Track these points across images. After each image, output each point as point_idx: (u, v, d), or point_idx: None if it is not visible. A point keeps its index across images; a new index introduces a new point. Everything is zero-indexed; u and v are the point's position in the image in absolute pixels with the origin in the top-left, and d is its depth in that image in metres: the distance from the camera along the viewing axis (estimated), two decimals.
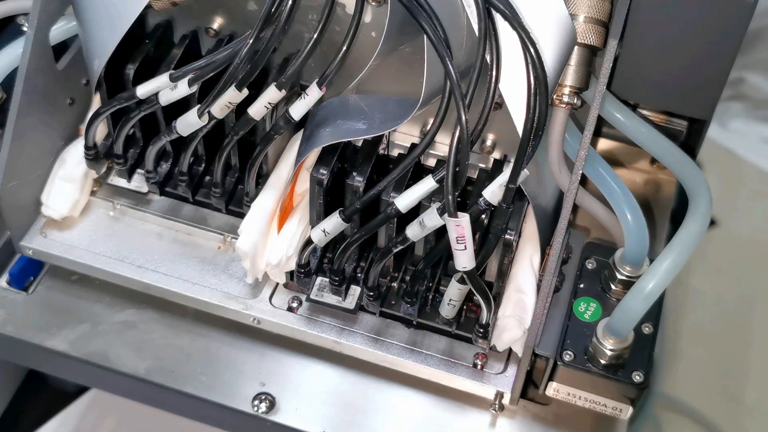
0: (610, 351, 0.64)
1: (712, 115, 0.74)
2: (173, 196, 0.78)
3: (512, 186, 0.62)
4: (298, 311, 0.73)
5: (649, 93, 0.74)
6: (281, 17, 0.62)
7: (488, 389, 0.71)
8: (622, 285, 0.68)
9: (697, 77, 0.71)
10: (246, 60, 0.64)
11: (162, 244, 0.77)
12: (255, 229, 0.71)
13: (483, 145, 0.74)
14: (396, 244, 0.65)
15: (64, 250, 0.76)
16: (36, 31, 0.69)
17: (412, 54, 0.68)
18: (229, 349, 0.75)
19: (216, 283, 0.75)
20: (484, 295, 0.66)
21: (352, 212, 0.66)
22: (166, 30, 0.74)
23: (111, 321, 0.76)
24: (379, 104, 0.68)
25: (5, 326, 0.76)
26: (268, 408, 0.72)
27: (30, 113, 0.71)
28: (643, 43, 0.69)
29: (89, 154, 0.75)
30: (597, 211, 0.71)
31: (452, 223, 0.61)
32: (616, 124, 0.71)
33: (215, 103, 0.66)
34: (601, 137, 0.83)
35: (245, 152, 0.73)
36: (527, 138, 0.61)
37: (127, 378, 0.74)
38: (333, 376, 0.74)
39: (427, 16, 0.59)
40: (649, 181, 0.84)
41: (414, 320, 0.72)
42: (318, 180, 0.67)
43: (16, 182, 0.72)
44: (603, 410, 0.68)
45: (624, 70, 0.71)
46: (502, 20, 0.61)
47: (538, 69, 0.60)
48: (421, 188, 0.63)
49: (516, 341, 0.68)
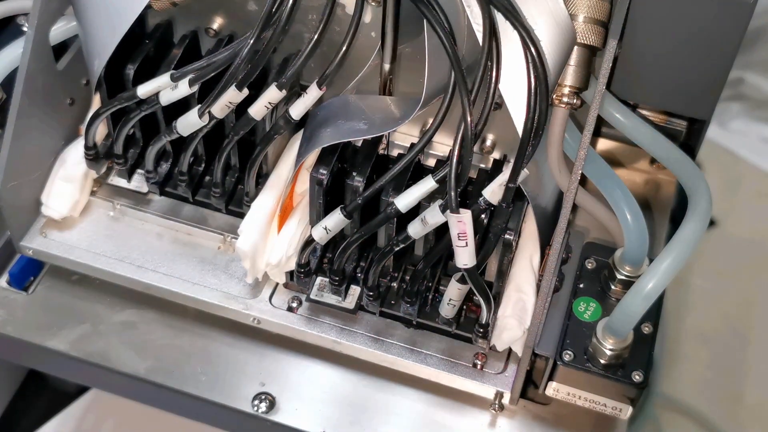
0: (610, 351, 0.65)
1: (711, 115, 0.74)
2: (173, 196, 0.78)
3: (512, 186, 0.62)
4: (298, 311, 0.74)
5: (648, 93, 0.74)
6: (281, 17, 0.62)
7: (488, 389, 0.71)
8: (621, 285, 0.68)
9: (697, 77, 0.71)
10: (246, 60, 0.64)
11: (162, 244, 0.77)
12: (255, 229, 0.71)
13: (483, 145, 0.74)
14: (397, 243, 0.65)
15: (64, 250, 0.76)
16: (36, 31, 0.69)
17: (412, 54, 0.68)
18: (229, 349, 0.75)
19: (216, 283, 0.75)
20: (484, 295, 0.66)
21: (354, 208, 0.66)
22: (166, 30, 0.74)
23: (111, 321, 0.77)
24: (380, 104, 0.68)
25: (5, 326, 0.76)
26: (268, 408, 0.72)
27: (30, 113, 0.71)
28: (642, 43, 0.69)
29: (89, 154, 0.75)
30: (597, 211, 0.71)
31: (454, 219, 0.61)
32: (616, 124, 0.71)
33: (215, 103, 0.66)
34: (600, 137, 0.83)
35: (245, 152, 0.73)
36: (527, 138, 0.61)
37: (127, 378, 0.74)
38: (333, 376, 0.74)
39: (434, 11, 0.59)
40: (648, 181, 0.84)
41: (414, 320, 0.72)
42: (318, 180, 0.67)
43: (16, 182, 0.72)
44: (603, 410, 0.68)
45: (623, 70, 0.71)
46: (503, 20, 0.61)
47: (538, 69, 0.60)
48: (421, 188, 0.63)
49: (516, 341, 0.68)
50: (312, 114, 0.69)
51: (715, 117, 0.75)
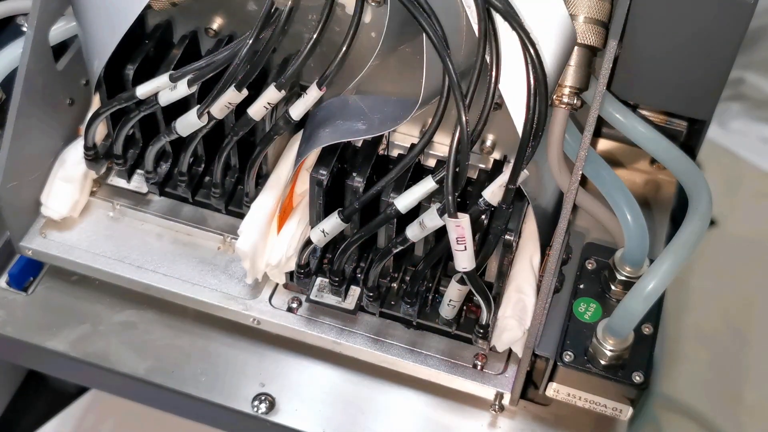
0: (610, 351, 0.64)
1: (711, 115, 0.74)
2: (173, 197, 0.78)
3: (512, 187, 0.62)
4: (298, 312, 0.73)
5: (648, 93, 0.74)
6: (281, 17, 0.62)
7: (488, 390, 0.71)
8: (622, 285, 0.68)
9: (697, 78, 0.71)
10: (246, 60, 0.63)
11: (162, 245, 0.77)
12: (255, 229, 0.71)
13: (483, 145, 0.74)
14: (396, 245, 0.65)
15: (63, 250, 0.76)
16: (36, 31, 0.69)
17: (411, 54, 0.68)
18: (228, 350, 0.75)
19: (216, 283, 0.75)
20: (484, 296, 0.66)
21: (351, 212, 0.66)
22: (165, 30, 0.74)
23: (111, 321, 0.76)
24: (379, 104, 0.68)
25: (5, 327, 0.76)
26: (268, 408, 0.72)
27: (30, 113, 0.71)
28: (643, 43, 0.69)
29: (89, 154, 0.75)
30: (597, 212, 0.71)
31: (452, 223, 0.61)
32: (616, 125, 0.71)
33: (215, 104, 0.66)
34: (600, 137, 0.83)
35: (245, 153, 0.73)
36: (527, 138, 0.61)
37: (126, 378, 0.74)
38: (333, 376, 0.74)
39: (426, 16, 0.59)
40: (648, 181, 0.84)
41: (414, 321, 0.72)
42: (318, 180, 0.67)
43: (16, 182, 0.72)
44: (603, 411, 0.68)
45: (624, 70, 0.71)
46: (502, 21, 0.61)
47: (537, 69, 0.60)
48: (421, 189, 0.63)
49: (516, 342, 0.68)
50: (312, 114, 0.69)
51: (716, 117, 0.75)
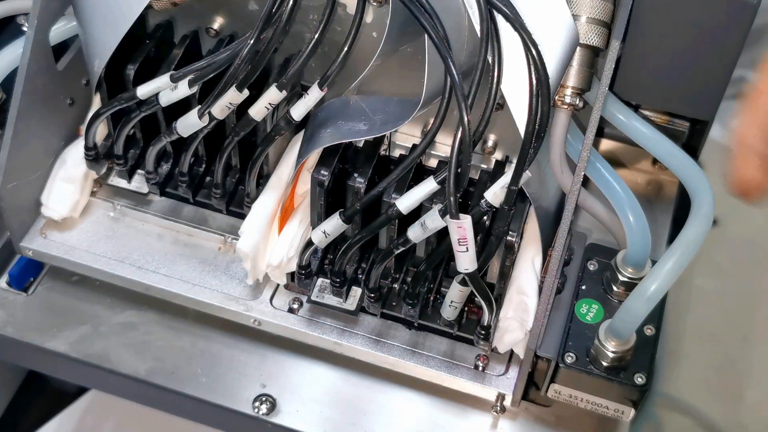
0: (612, 353, 0.64)
1: (714, 115, 0.74)
2: (174, 197, 0.78)
3: (514, 188, 0.62)
4: (299, 312, 0.73)
5: (651, 94, 0.73)
6: (282, 17, 0.62)
7: (490, 391, 0.71)
8: (624, 287, 0.68)
9: (700, 78, 0.70)
10: (247, 60, 0.63)
11: (162, 245, 0.77)
12: (256, 230, 0.70)
13: (484, 146, 0.74)
14: (397, 246, 0.65)
15: (64, 251, 0.76)
16: (36, 31, 0.69)
17: (413, 54, 0.67)
18: (229, 351, 0.75)
19: (216, 284, 0.75)
20: (485, 297, 0.66)
21: (352, 213, 0.66)
22: (166, 30, 0.74)
23: (111, 322, 0.76)
24: (381, 105, 0.68)
25: (5, 327, 0.76)
26: (269, 410, 0.72)
27: (30, 114, 0.71)
28: (645, 44, 0.69)
29: (89, 154, 0.75)
30: (599, 213, 0.71)
31: (454, 224, 0.60)
32: (618, 125, 0.71)
33: (216, 104, 0.66)
34: (603, 138, 0.83)
35: (246, 153, 0.73)
36: (529, 139, 0.61)
37: (127, 379, 0.74)
38: (334, 377, 0.74)
39: (428, 16, 0.59)
40: (651, 181, 0.83)
41: (415, 322, 0.71)
42: (319, 181, 0.67)
43: (16, 183, 0.72)
44: (605, 412, 0.68)
45: (626, 71, 0.71)
46: (504, 21, 0.60)
47: (539, 70, 0.60)
48: (423, 189, 0.63)
49: (518, 343, 0.68)
50: (313, 114, 0.69)
51: (718, 117, 0.75)
